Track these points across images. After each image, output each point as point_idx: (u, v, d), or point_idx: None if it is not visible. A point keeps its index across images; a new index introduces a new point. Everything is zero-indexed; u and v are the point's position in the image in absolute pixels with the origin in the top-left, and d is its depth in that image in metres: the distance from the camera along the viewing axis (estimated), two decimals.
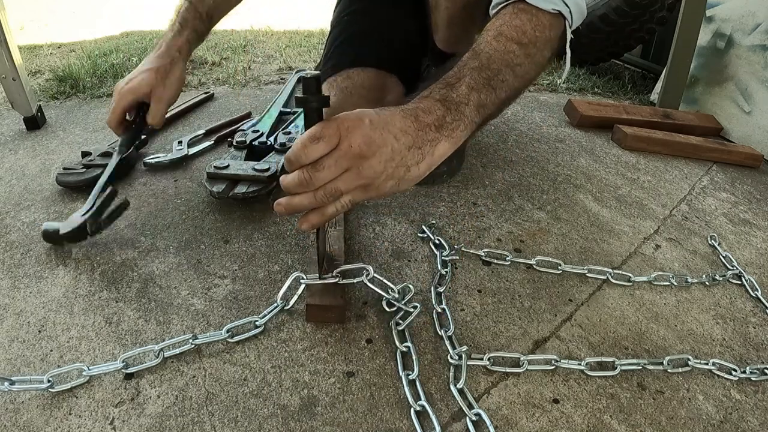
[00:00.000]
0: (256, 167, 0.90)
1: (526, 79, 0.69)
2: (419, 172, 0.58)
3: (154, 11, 2.55)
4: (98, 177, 0.91)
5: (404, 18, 1.11)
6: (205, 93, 1.40)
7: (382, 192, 0.57)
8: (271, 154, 1.00)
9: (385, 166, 0.55)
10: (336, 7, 1.18)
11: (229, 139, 1.04)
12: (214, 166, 0.89)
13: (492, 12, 0.73)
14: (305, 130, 0.54)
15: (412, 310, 0.67)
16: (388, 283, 0.68)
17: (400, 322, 0.67)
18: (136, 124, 0.92)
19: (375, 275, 0.68)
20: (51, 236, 0.77)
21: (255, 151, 1.01)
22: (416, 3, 1.10)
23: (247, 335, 0.64)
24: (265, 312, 0.66)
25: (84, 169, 0.94)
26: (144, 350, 0.61)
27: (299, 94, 0.54)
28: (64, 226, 0.77)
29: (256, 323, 0.65)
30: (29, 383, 0.56)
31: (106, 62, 1.60)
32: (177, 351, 0.61)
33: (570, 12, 0.70)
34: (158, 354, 0.60)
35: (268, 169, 0.89)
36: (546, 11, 0.68)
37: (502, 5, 0.71)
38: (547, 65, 0.73)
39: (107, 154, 0.97)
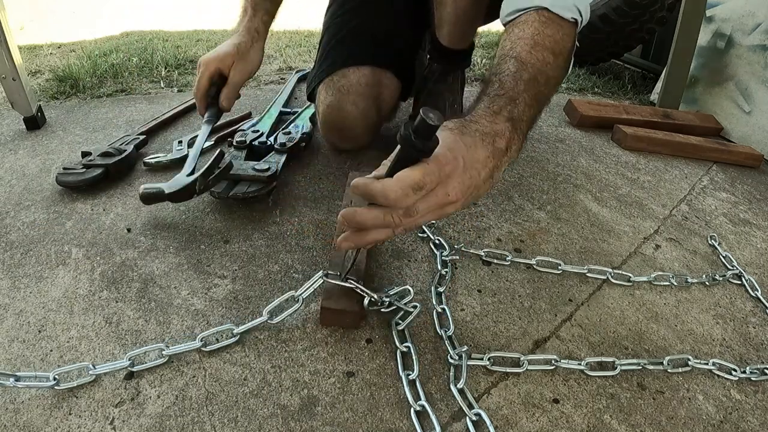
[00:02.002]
0: (256, 167, 0.90)
1: (556, 89, 0.69)
2: (487, 192, 0.59)
3: (154, 11, 2.55)
4: (97, 177, 0.93)
5: (397, 17, 1.11)
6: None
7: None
8: (271, 153, 1.00)
9: (466, 201, 0.56)
10: (328, 10, 1.18)
11: (229, 139, 1.04)
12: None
13: (507, 14, 0.72)
14: (397, 166, 0.51)
15: (411, 309, 0.67)
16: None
17: (400, 321, 0.67)
18: (213, 99, 0.98)
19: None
20: (153, 197, 0.82)
21: (255, 151, 1.01)
22: (410, 2, 1.10)
23: (286, 313, 0.65)
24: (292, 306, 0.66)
25: (84, 169, 0.94)
26: (149, 349, 0.61)
27: (407, 132, 0.48)
28: (169, 186, 0.83)
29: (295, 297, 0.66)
30: (35, 380, 0.56)
31: (106, 62, 1.60)
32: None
33: (582, 19, 0.70)
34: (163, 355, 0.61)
35: (268, 169, 0.89)
36: (567, 20, 0.68)
37: (524, 11, 0.70)
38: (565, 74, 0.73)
39: (107, 154, 0.98)
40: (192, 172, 0.85)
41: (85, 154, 0.99)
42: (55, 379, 0.56)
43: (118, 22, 2.27)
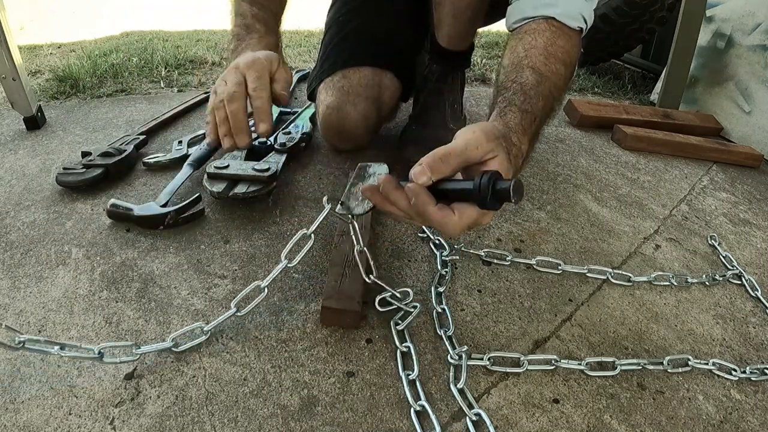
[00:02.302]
0: (256, 167, 0.90)
1: (562, 101, 0.71)
2: None
3: (154, 11, 2.55)
4: (97, 177, 0.92)
5: (398, 17, 1.11)
6: (206, 93, 1.40)
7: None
8: (271, 154, 1.00)
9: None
10: (330, 9, 1.18)
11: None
12: (215, 166, 0.89)
13: (515, 21, 0.73)
14: (455, 195, 0.51)
15: (411, 310, 0.67)
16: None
17: (400, 321, 0.67)
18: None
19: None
20: (121, 216, 0.83)
21: (255, 151, 1.01)
22: (411, 2, 1.10)
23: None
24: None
25: (84, 169, 0.94)
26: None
27: (485, 191, 0.48)
28: (141, 210, 0.83)
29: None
30: (79, 350, 0.57)
31: (106, 62, 1.60)
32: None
33: (587, 27, 0.71)
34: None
35: (268, 169, 0.89)
36: (573, 29, 0.69)
37: (531, 19, 0.70)
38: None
39: (107, 154, 0.98)
40: (165, 205, 0.85)
41: (85, 154, 0.99)
42: (100, 353, 0.58)
43: (118, 22, 2.26)
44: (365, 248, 0.66)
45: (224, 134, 0.81)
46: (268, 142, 1.03)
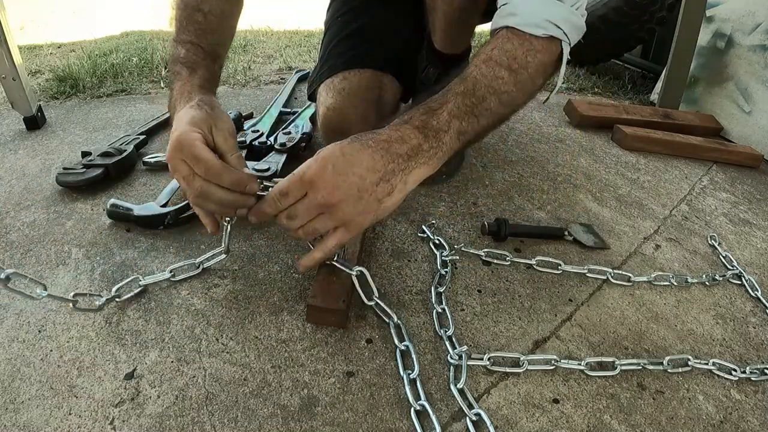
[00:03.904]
0: (256, 167, 0.90)
1: (513, 106, 0.68)
2: (393, 201, 0.60)
3: (154, 11, 2.55)
4: (97, 177, 0.92)
5: (398, 17, 1.11)
6: None
7: (363, 226, 0.61)
8: (271, 154, 1.00)
9: (355, 206, 0.57)
10: (329, 8, 1.18)
11: None
12: None
13: (490, 34, 0.73)
14: None
15: (353, 273, 0.68)
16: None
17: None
18: None
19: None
20: (120, 216, 0.83)
21: (255, 151, 1.01)
22: (410, 2, 1.10)
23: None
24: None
25: (84, 169, 0.94)
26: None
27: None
28: (140, 210, 0.83)
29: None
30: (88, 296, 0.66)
31: (106, 62, 1.60)
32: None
33: (564, 32, 0.67)
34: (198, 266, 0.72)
35: (268, 169, 0.90)
36: (537, 37, 0.66)
37: (498, 28, 0.70)
38: (538, 91, 0.71)
39: (107, 154, 0.98)
40: (165, 205, 0.85)
41: (85, 154, 0.99)
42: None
43: (118, 22, 2.27)
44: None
45: (223, 219, 0.71)
46: (269, 143, 1.03)
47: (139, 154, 1.04)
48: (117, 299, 0.68)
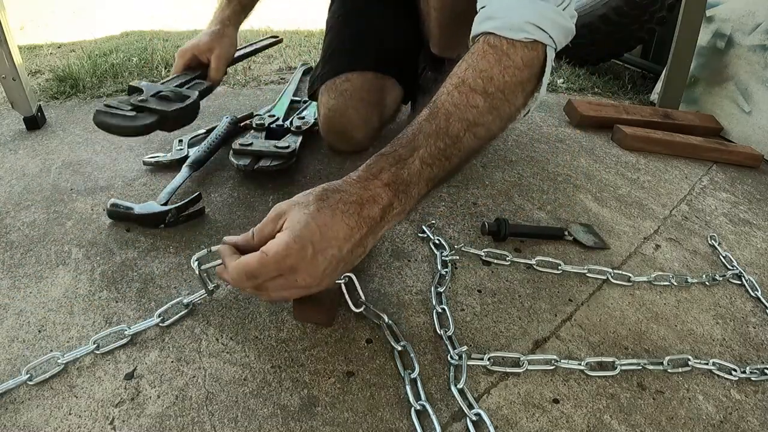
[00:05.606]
0: (277, 144, 0.97)
1: (488, 138, 0.62)
2: (362, 257, 0.58)
3: (154, 11, 2.55)
4: (150, 127, 0.80)
5: (398, 18, 1.11)
6: (274, 37, 1.35)
7: (333, 282, 0.58)
8: (288, 135, 1.06)
9: (331, 275, 0.55)
10: (330, 7, 1.19)
11: (248, 122, 1.12)
12: (239, 143, 0.96)
13: (471, 41, 0.66)
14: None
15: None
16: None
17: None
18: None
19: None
20: (121, 215, 0.82)
21: (273, 133, 1.07)
22: (409, 4, 1.10)
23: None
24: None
25: (134, 113, 0.74)
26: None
27: None
28: (141, 208, 0.83)
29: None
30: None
31: (106, 62, 1.60)
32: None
33: (549, 36, 0.61)
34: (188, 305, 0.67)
35: (288, 147, 0.97)
36: (519, 42, 0.59)
37: (477, 35, 0.64)
38: (517, 114, 0.64)
39: (165, 98, 0.80)
40: (166, 203, 0.85)
41: (133, 90, 0.78)
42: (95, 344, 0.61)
43: (118, 22, 2.26)
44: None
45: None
46: (285, 125, 1.08)
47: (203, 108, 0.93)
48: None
